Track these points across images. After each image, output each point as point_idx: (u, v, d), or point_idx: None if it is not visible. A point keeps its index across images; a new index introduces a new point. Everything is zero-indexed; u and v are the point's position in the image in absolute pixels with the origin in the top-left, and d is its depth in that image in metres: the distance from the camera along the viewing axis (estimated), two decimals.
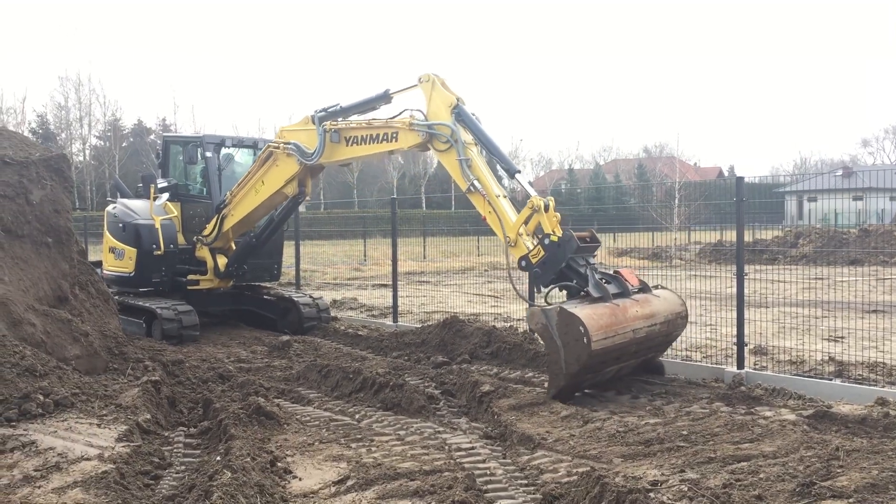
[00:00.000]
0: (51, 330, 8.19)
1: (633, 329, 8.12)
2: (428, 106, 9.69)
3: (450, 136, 9.34)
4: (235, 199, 12.33)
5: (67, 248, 9.06)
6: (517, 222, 8.80)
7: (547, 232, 8.48)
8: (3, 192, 8.58)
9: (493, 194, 9.10)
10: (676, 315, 8.93)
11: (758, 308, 13.55)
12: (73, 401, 7.12)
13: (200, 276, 13.02)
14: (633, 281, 8.75)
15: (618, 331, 7.91)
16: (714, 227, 32.87)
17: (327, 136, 10.78)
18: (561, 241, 8.38)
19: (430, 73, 9.68)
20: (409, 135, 9.89)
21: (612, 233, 33.58)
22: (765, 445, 6.08)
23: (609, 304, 8.06)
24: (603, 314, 7.86)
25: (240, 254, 12.96)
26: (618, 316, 7.99)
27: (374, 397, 8.17)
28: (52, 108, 67.14)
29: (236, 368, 9.72)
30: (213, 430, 6.82)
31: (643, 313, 8.34)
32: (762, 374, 8.78)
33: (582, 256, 8.49)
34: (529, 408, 7.52)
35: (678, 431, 6.55)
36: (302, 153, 11.10)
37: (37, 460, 5.78)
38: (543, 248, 8.47)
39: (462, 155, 9.26)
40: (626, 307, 8.18)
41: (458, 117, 9.43)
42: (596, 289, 8.18)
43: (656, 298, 8.79)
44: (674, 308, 8.93)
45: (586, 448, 6.32)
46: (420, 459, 6.15)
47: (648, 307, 8.49)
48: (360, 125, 10.59)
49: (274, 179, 11.71)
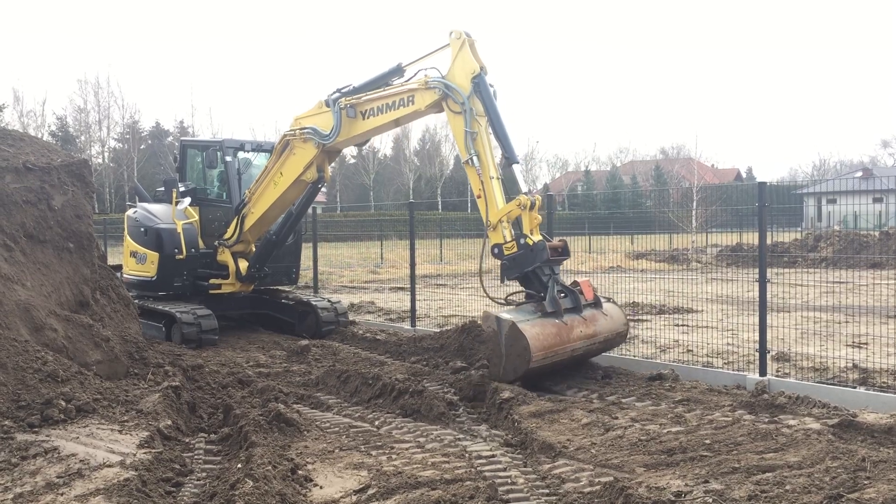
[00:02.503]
0: (72, 335, 8.23)
1: (572, 349, 8.90)
2: (451, 66, 9.56)
3: (462, 102, 9.31)
4: (254, 196, 12.36)
5: (89, 253, 9.11)
6: (502, 210, 9.12)
7: (525, 231, 8.95)
8: (26, 197, 8.63)
9: (487, 174, 9.27)
10: (616, 334, 9.66)
11: (778, 313, 13.44)
12: (95, 406, 7.15)
13: (222, 280, 13.06)
14: (589, 295, 9.37)
15: (558, 351, 8.66)
16: (732, 230, 32.71)
17: (343, 113, 10.77)
18: (534, 247, 8.86)
19: (462, 30, 9.45)
20: (425, 94, 9.81)
21: (630, 235, 33.44)
22: (789, 455, 6.01)
23: (557, 322, 8.71)
24: (549, 335, 8.55)
25: (261, 253, 12.95)
26: (562, 336, 8.70)
27: (393, 403, 8.15)
28: (71, 111, 67.84)
29: (255, 373, 9.73)
30: (234, 437, 6.83)
31: (586, 333, 9.05)
32: (785, 381, 8.69)
33: (549, 265, 8.99)
34: (550, 415, 7.48)
35: (701, 440, 6.47)
36: (319, 135, 11.12)
37: (59, 467, 5.81)
38: (517, 245, 8.95)
39: (469, 126, 9.27)
40: (573, 327, 8.88)
41: (476, 88, 9.36)
42: (551, 304, 8.77)
43: (603, 317, 9.41)
44: (616, 327, 9.62)
45: (608, 457, 6.27)
46: (441, 468, 6.12)
47: (593, 327, 9.19)
48: (374, 95, 10.53)
49: (293, 168, 11.72)
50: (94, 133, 67.66)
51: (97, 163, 63.93)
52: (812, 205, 56.93)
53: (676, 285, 17.82)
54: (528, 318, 8.59)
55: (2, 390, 6.91)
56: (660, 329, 12.56)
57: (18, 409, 6.82)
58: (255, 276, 13.06)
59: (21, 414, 6.77)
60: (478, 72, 9.33)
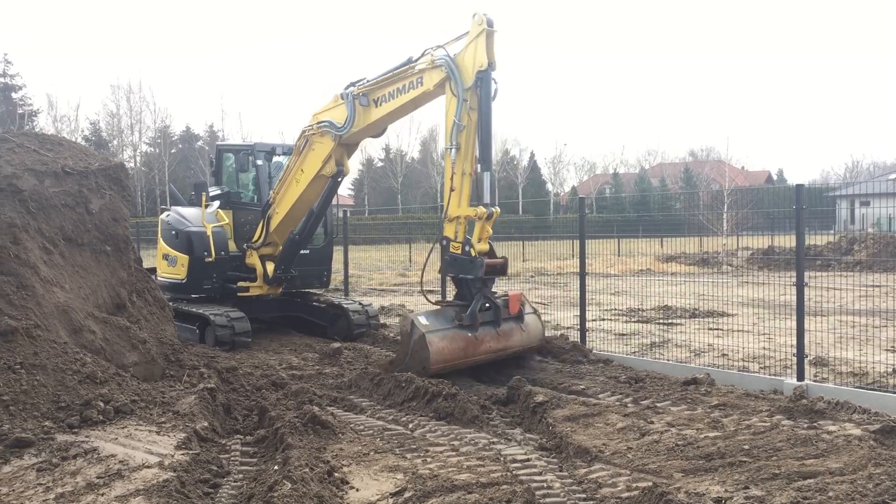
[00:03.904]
0: (110, 337, 8.33)
1: (476, 361, 9.56)
2: (464, 49, 9.48)
3: (458, 90, 9.31)
4: (278, 196, 12.42)
5: (125, 255, 9.21)
6: (462, 211, 9.48)
7: (474, 239, 9.42)
8: (64, 201, 8.75)
9: (460, 169, 9.44)
10: (528, 348, 10.26)
11: (814, 317, 13.25)
12: (133, 408, 7.23)
13: (250, 283, 13.14)
14: (514, 308, 9.91)
15: (458, 364, 9.33)
16: (764, 233, 32.31)
17: (356, 102, 10.82)
18: (474, 260, 9.35)
19: (485, 15, 9.29)
20: (432, 73, 9.78)
21: (659, 237, 33.18)
22: (830, 462, 5.92)
23: (469, 336, 9.33)
24: (454, 349, 9.21)
25: (286, 254, 12.94)
26: (468, 351, 9.36)
27: (426, 406, 8.14)
28: (104, 116, 68.82)
29: (289, 376, 9.78)
30: (269, 439, 6.87)
31: (495, 347, 9.69)
32: (823, 386, 8.56)
33: (483, 280, 9.46)
34: (584, 419, 7.44)
35: (739, 446, 6.40)
36: (335, 127, 11.19)
37: (99, 467, 5.87)
38: (462, 249, 9.43)
39: (458, 117, 9.31)
40: (483, 342, 9.50)
41: (478, 83, 9.34)
42: (470, 318, 9.32)
43: (520, 332, 10.01)
44: (530, 342, 10.22)
45: (645, 462, 6.21)
46: (476, 471, 6.10)
47: (505, 342, 9.81)
48: (385, 80, 10.52)
49: (312, 163, 11.78)
50: (127, 137, 68.63)
51: (129, 166, 64.74)
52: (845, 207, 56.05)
53: (708, 289, 17.64)
54: (442, 328, 9.24)
55: (42, 391, 7.01)
56: (693, 333, 12.43)
57: (58, 409, 6.92)
58: (282, 278, 13.07)
59: (61, 415, 6.86)
60: (485, 66, 9.25)
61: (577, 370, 9.92)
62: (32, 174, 8.65)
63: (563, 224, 35.67)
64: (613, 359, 10.46)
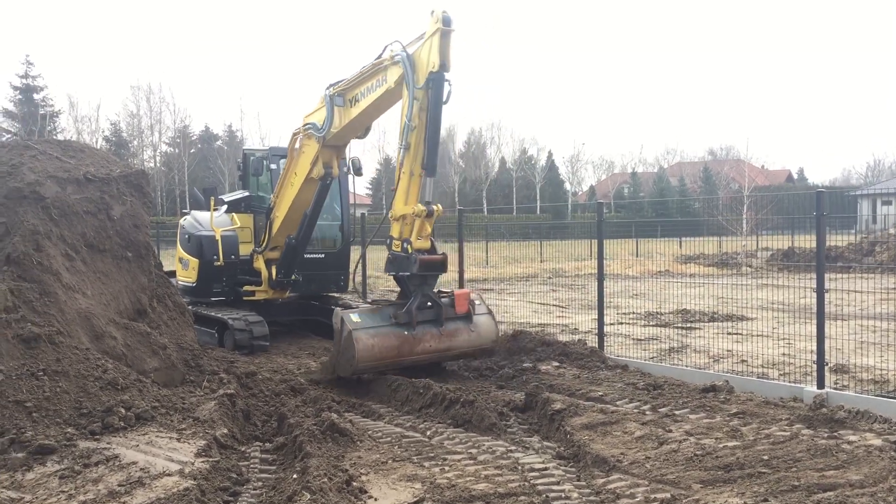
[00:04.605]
0: (131, 343, 8.41)
1: (414, 361, 9.49)
2: (420, 47, 9.31)
3: (411, 89, 9.20)
4: (277, 199, 12.48)
5: (146, 261, 9.30)
6: (403, 210, 9.49)
7: (410, 238, 9.35)
8: (86, 208, 8.84)
9: (408, 170, 9.42)
10: (479, 349, 10.10)
11: (834, 321, 13.13)
12: (153, 414, 7.30)
13: (256, 286, 13.20)
14: (462, 308, 9.77)
15: (395, 359, 9.30)
16: (784, 233, 32.02)
17: (333, 102, 10.80)
18: (410, 256, 9.31)
19: (442, 13, 8.96)
20: (393, 69, 9.66)
21: (678, 237, 32.98)
22: (851, 473, 5.88)
23: (404, 334, 9.26)
24: (385, 347, 9.16)
25: (284, 259, 12.93)
26: (402, 349, 9.28)
27: (444, 413, 8.16)
28: (124, 117, 69.55)
29: (307, 381, 9.83)
30: (288, 446, 6.91)
31: (437, 347, 9.57)
32: (844, 394, 8.48)
33: (421, 277, 9.42)
34: (602, 427, 7.43)
35: (758, 456, 6.36)
36: (316, 129, 11.20)
37: (120, 475, 5.93)
38: (401, 247, 9.41)
39: (409, 117, 9.23)
40: (421, 340, 9.41)
41: (428, 84, 9.18)
42: (405, 315, 9.30)
43: (468, 332, 9.84)
44: (480, 342, 10.04)
45: (663, 472, 6.19)
46: (494, 481, 6.11)
47: (448, 342, 9.67)
48: (354, 79, 10.46)
49: (302, 166, 11.81)
50: (147, 137, 69.32)
51: (149, 167, 65.30)
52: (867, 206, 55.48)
53: (727, 291, 17.54)
54: (375, 326, 9.18)
55: (65, 398, 7.10)
56: (712, 338, 12.37)
57: (80, 416, 7.00)
58: (284, 282, 13.06)
59: (83, 421, 6.94)
60: (437, 68, 9.03)
61: (595, 376, 9.90)
62: (55, 181, 8.75)
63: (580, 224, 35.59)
64: (631, 364, 10.43)
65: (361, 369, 9.07)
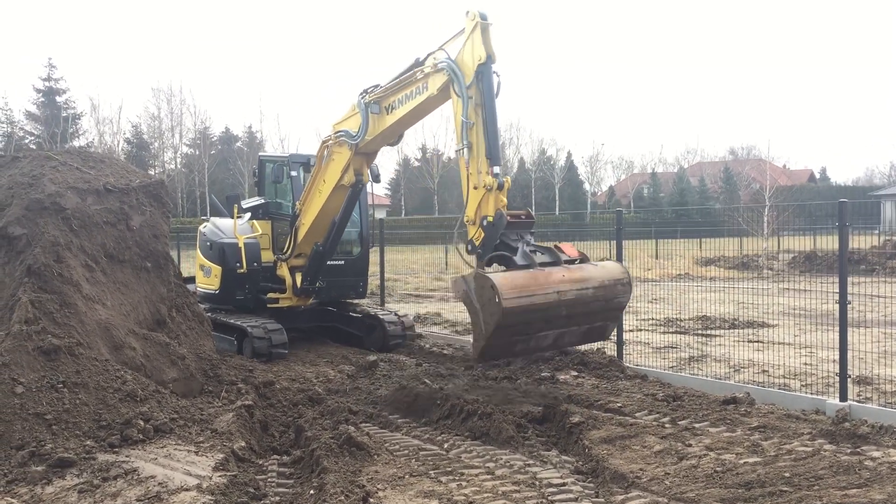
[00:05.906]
0: (150, 353, 8.45)
1: (556, 291, 8.60)
2: (461, 49, 9.31)
3: (463, 89, 9.14)
4: (303, 207, 12.50)
5: (165, 272, 9.34)
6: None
7: (485, 214, 8.89)
8: (106, 218, 8.90)
9: (475, 168, 9.13)
10: (615, 281, 9.28)
11: (857, 328, 12.95)
12: (172, 426, 7.32)
13: (280, 294, 13.24)
14: (572, 253, 9.33)
15: (536, 291, 8.41)
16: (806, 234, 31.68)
17: (368, 110, 10.78)
18: (494, 220, 8.83)
19: (478, 10, 9.09)
20: (436, 77, 9.64)
21: (699, 238, 32.72)
22: (874, 492, 5.78)
23: (532, 270, 8.64)
24: (519, 276, 8.47)
25: (311, 265, 12.96)
26: (538, 279, 8.53)
27: (461, 425, 8.13)
28: (145, 119, 70.02)
29: (325, 390, 9.84)
30: (305, 460, 6.91)
31: (571, 277, 8.80)
32: (867, 407, 8.35)
33: (516, 232, 9.02)
34: (621, 441, 7.35)
35: (780, 473, 6.28)
36: (350, 136, 11.18)
37: (139, 489, 5.95)
38: (483, 230, 8.93)
39: (465, 115, 9.12)
40: (551, 273, 8.73)
41: (478, 77, 9.15)
42: (522, 258, 8.81)
43: (593, 266, 9.23)
44: (612, 275, 9.29)
45: (683, 489, 6.13)
46: (511, 497, 6.08)
47: (579, 273, 8.97)
48: (394, 87, 10.43)
49: (332, 173, 11.79)
50: (167, 139, 69.75)
51: (170, 168, 65.76)
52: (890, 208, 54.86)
53: (748, 296, 17.38)
54: (499, 271, 8.69)
55: (84, 410, 7.14)
56: (732, 346, 12.25)
57: (100, 428, 7.04)
58: (310, 289, 13.10)
59: (102, 434, 6.98)
60: (484, 60, 9.05)
61: (614, 386, 9.83)
62: (75, 192, 8.82)
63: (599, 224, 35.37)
64: (650, 374, 10.35)
65: (509, 301, 8.08)
